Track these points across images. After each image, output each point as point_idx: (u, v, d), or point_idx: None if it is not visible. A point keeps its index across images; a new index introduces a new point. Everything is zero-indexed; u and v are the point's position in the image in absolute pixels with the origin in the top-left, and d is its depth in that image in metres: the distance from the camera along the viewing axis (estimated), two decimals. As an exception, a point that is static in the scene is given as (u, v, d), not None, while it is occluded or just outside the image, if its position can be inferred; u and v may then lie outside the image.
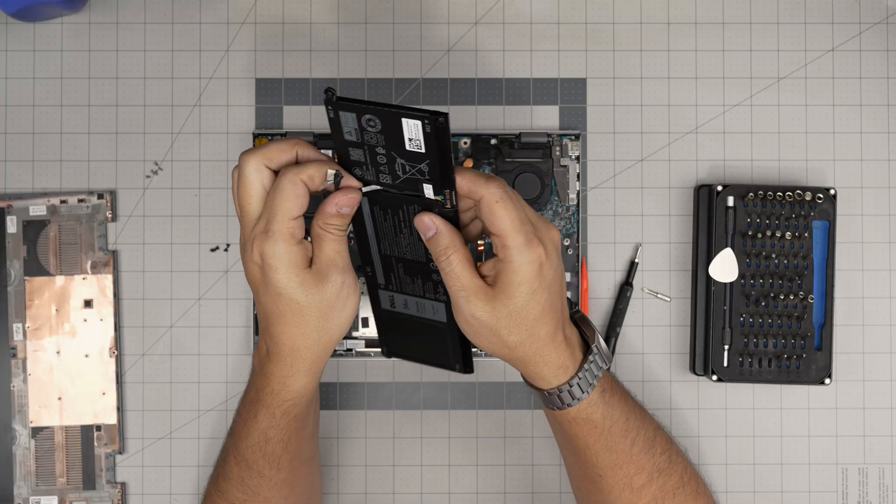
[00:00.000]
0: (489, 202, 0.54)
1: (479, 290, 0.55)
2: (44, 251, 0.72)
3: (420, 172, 0.54)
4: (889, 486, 0.73)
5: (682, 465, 0.63)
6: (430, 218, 0.55)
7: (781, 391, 0.73)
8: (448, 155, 0.53)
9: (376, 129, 0.53)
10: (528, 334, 0.56)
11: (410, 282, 0.60)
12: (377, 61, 0.73)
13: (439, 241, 0.55)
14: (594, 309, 0.73)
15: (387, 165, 0.54)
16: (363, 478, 0.73)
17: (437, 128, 0.51)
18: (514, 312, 0.55)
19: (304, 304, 0.56)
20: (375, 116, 0.52)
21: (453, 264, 0.55)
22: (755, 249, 0.70)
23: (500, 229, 0.54)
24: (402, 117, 0.52)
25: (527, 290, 0.55)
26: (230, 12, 0.73)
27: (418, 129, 0.52)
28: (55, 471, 0.72)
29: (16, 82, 0.73)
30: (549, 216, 0.72)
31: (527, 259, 0.54)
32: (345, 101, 0.53)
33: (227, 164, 0.73)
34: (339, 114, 0.53)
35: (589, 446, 0.60)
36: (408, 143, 0.53)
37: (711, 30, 0.74)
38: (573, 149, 0.72)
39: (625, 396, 0.61)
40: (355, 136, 0.54)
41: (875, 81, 0.74)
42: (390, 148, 0.53)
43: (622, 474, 0.60)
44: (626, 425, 0.60)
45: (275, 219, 0.54)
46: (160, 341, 0.73)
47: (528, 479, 0.73)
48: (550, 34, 0.74)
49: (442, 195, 0.55)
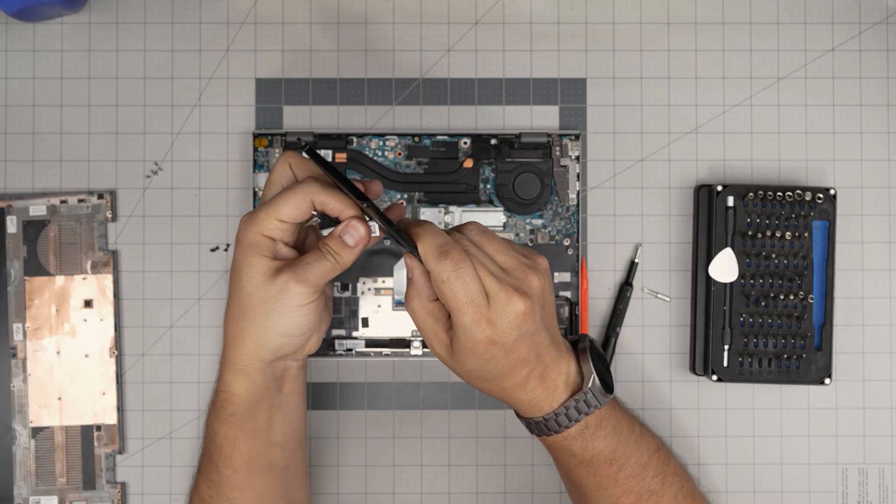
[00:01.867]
0: (436, 280, 0.54)
1: (443, 345, 0.57)
2: (44, 251, 0.72)
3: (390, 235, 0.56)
4: (889, 486, 0.73)
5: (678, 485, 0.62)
6: (411, 261, 0.56)
7: (781, 391, 0.73)
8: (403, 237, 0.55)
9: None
10: (495, 386, 0.57)
11: None
12: (377, 61, 0.73)
13: (411, 286, 0.56)
14: (594, 309, 0.73)
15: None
16: (363, 478, 0.73)
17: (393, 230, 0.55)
18: (473, 373, 0.57)
19: (248, 292, 0.57)
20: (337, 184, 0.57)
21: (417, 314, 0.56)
22: (755, 249, 0.70)
23: (448, 305, 0.55)
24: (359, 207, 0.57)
25: (477, 360, 0.55)
26: (230, 12, 0.73)
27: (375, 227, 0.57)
28: (55, 471, 0.72)
29: (16, 82, 0.73)
30: (549, 216, 0.72)
31: (471, 338, 0.54)
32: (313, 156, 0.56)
33: (227, 164, 0.73)
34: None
35: (571, 470, 0.60)
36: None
37: (711, 30, 0.74)
38: (573, 149, 0.72)
39: (618, 428, 0.60)
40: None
41: (875, 81, 0.74)
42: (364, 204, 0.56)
43: (608, 494, 0.60)
44: (612, 455, 0.59)
45: (263, 209, 0.56)
46: (160, 341, 0.73)
47: (528, 479, 0.73)
48: (550, 34, 0.74)
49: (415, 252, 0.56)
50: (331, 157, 0.72)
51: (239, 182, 0.73)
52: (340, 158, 0.71)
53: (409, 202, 0.72)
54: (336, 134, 0.72)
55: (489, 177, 0.72)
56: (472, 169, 0.72)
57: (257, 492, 0.61)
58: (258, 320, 0.57)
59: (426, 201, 0.72)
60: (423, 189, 0.71)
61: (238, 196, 0.73)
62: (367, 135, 0.72)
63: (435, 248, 0.54)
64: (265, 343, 0.58)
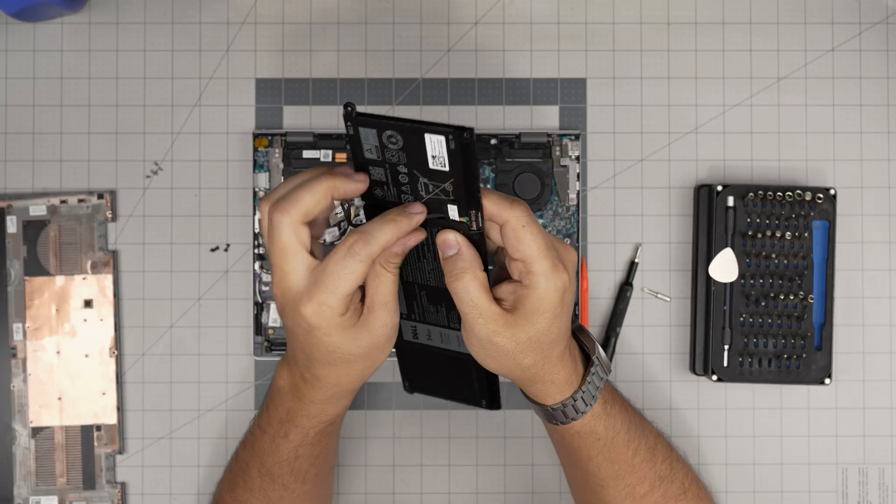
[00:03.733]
0: (515, 227, 0.52)
1: (499, 316, 0.53)
2: (44, 251, 0.72)
3: (444, 192, 0.51)
4: (889, 486, 0.73)
5: (684, 471, 0.63)
6: (454, 236, 0.53)
7: (781, 391, 0.73)
8: (474, 173, 0.50)
9: (398, 146, 0.50)
10: (543, 356, 0.55)
11: (434, 311, 0.58)
12: (377, 61, 0.73)
13: (457, 261, 0.53)
14: (594, 309, 0.73)
15: (409, 185, 0.52)
16: (363, 478, 0.73)
17: (462, 143, 0.49)
18: (534, 337, 0.54)
19: (355, 354, 0.55)
20: (397, 132, 0.50)
21: (469, 288, 0.53)
22: (755, 249, 0.70)
23: (525, 255, 0.52)
24: (424, 132, 0.49)
25: (550, 316, 0.53)
26: (230, 12, 0.73)
27: (442, 146, 0.49)
28: (55, 471, 0.72)
29: (16, 82, 0.73)
30: (549, 216, 0.72)
31: (553, 286, 0.52)
32: (365, 117, 0.50)
33: (227, 164, 0.73)
34: (359, 130, 0.50)
35: (591, 458, 0.60)
36: (431, 161, 0.50)
37: (711, 30, 0.74)
38: (573, 149, 0.72)
39: (625, 406, 0.61)
40: (376, 153, 0.51)
41: (875, 81, 0.74)
42: (412, 167, 0.51)
43: (624, 484, 0.60)
44: (629, 435, 0.60)
45: (335, 295, 0.51)
46: (160, 341, 0.73)
47: (528, 479, 0.73)
48: (550, 34, 0.74)
49: (467, 216, 0.52)
50: (331, 157, 0.72)
51: (239, 182, 0.73)
52: (340, 158, 0.71)
53: (409, 202, 0.72)
54: (336, 134, 0.72)
55: (489, 177, 0.72)
56: (472, 169, 0.72)
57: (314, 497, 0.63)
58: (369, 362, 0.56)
59: (426, 201, 0.72)
60: (423, 189, 0.71)
61: (238, 196, 0.73)
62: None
63: (504, 197, 0.52)
64: (365, 377, 0.57)
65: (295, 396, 0.58)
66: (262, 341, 0.72)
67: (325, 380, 0.56)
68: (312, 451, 0.60)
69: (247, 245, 0.73)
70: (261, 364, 0.73)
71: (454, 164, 0.50)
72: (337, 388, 0.57)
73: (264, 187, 0.72)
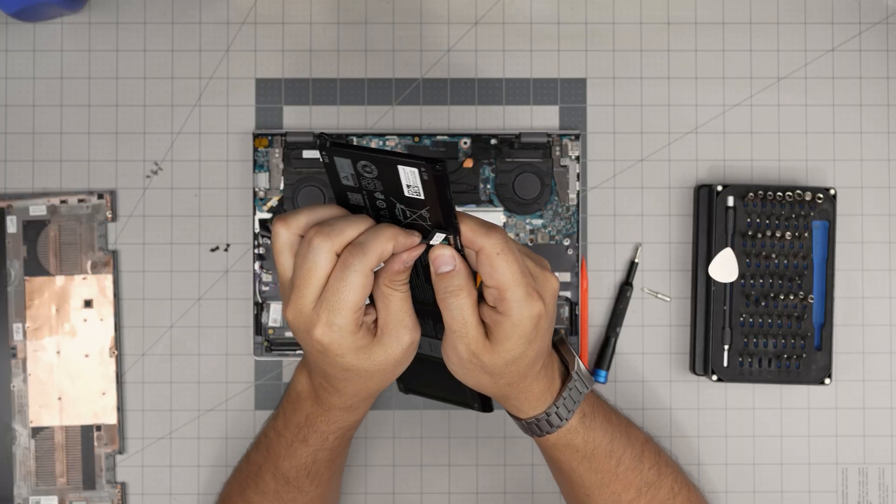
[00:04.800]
0: (489, 254, 0.51)
1: (480, 339, 0.53)
2: (44, 251, 0.72)
3: (421, 218, 0.52)
4: (889, 486, 0.73)
5: (673, 476, 0.63)
6: (451, 252, 0.52)
7: (781, 391, 0.73)
8: (448, 202, 0.51)
9: (372, 174, 0.51)
10: (520, 376, 0.55)
11: (422, 322, 0.58)
12: (377, 61, 0.73)
13: (454, 279, 0.52)
14: (594, 309, 0.73)
15: (387, 210, 0.53)
16: (363, 478, 0.73)
17: (436, 175, 0.49)
18: (510, 361, 0.54)
19: (372, 371, 0.54)
20: (370, 163, 0.50)
21: (464, 307, 0.52)
22: (755, 249, 0.70)
23: (499, 282, 0.52)
24: (397, 164, 0.50)
25: (524, 342, 0.53)
26: (230, 12, 0.73)
27: (416, 177, 0.50)
28: (55, 471, 0.72)
29: (16, 82, 0.73)
30: (549, 216, 0.72)
31: (527, 314, 0.52)
32: (339, 147, 0.51)
33: (227, 164, 0.73)
34: (334, 159, 0.51)
35: (573, 469, 0.60)
36: (406, 190, 0.51)
37: (711, 30, 0.74)
38: (573, 149, 0.72)
39: (608, 417, 0.61)
40: (352, 181, 0.52)
41: (875, 81, 0.74)
42: (389, 193, 0.52)
43: (609, 492, 0.60)
44: (611, 446, 0.60)
45: (341, 313, 0.51)
46: (160, 341, 0.73)
47: (528, 479, 0.73)
48: (550, 34, 0.74)
49: (446, 240, 0.53)
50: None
51: (239, 182, 0.73)
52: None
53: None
54: (336, 134, 0.72)
55: (489, 177, 0.72)
56: (472, 169, 0.72)
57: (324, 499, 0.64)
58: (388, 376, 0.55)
59: (426, 201, 0.72)
60: (423, 189, 0.71)
61: (238, 196, 0.73)
62: (367, 135, 0.72)
63: (480, 224, 0.52)
64: (385, 386, 0.57)
65: (315, 402, 0.58)
66: (262, 341, 0.72)
67: (343, 391, 0.56)
68: (330, 456, 0.61)
69: (247, 245, 0.73)
70: (261, 364, 0.73)
71: (428, 194, 0.50)
72: (356, 397, 0.57)
73: (264, 187, 0.72)
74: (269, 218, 0.72)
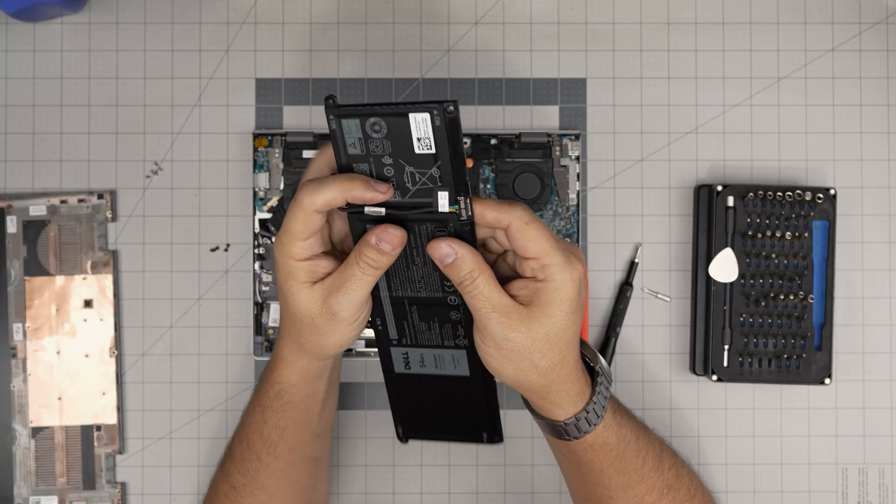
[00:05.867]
0: (518, 226, 0.51)
1: (513, 310, 0.52)
2: (44, 251, 0.72)
3: (431, 180, 0.51)
4: (889, 486, 0.73)
5: (689, 478, 0.62)
6: (447, 244, 0.52)
7: (781, 391, 0.73)
8: (461, 151, 0.50)
9: (381, 134, 0.50)
10: (560, 358, 0.54)
11: (426, 329, 0.58)
12: (377, 61, 0.73)
13: (462, 266, 0.52)
14: (594, 309, 0.73)
15: (395, 178, 0.52)
16: (363, 478, 0.73)
17: (448, 117, 0.49)
18: (552, 333, 0.53)
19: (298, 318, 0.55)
20: (381, 119, 0.50)
21: (480, 287, 0.52)
22: (755, 249, 0.70)
23: (537, 251, 0.51)
24: (409, 113, 0.49)
25: (567, 308, 0.52)
26: (230, 12, 0.73)
27: (427, 124, 0.49)
28: (55, 471, 0.72)
29: (16, 82, 0.73)
30: (549, 216, 0.72)
31: (569, 277, 0.52)
32: (347, 107, 0.50)
33: (227, 164, 0.73)
34: (342, 123, 0.50)
35: (603, 470, 0.59)
36: (416, 145, 0.50)
37: (711, 30, 0.74)
38: (573, 149, 0.72)
39: (630, 414, 0.60)
40: (359, 147, 0.51)
41: (875, 81, 0.74)
42: (398, 155, 0.51)
43: (633, 494, 0.59)
44: (638, 444, 0.59)
45: (283, 236, 0.54)
46: (160, 341, 0.73)
47: (528, 479, 0.73)
48: (550, 34, 0.74)
49: (456, 204, 0.51)
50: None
51: (239, 182, 0.73)
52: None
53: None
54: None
55: (489, 177, 0.72)
56: (472, 169, 0.72)
57: (291, 480, 0.62)
58: (314, 338, 0.56)
59: (426, 201, 0.72)
60: (423, 189, 0.71)
61: (238, 196, 0.73)
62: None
63: (500, 202, 0.52)
64: (324, 353, 0.58)
65: (273, 364, 0.60)
66: (262, 341, 0.72)
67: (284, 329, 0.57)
68: (276, 419, 0.60)
69: (247, 245, 0.73)
70: (261, 364, 0.73)
71: (440, 143, 0.50)
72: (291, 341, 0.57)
73: (264, 187, 0.72)
74: (268, 218, 0.72)
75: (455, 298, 0.56)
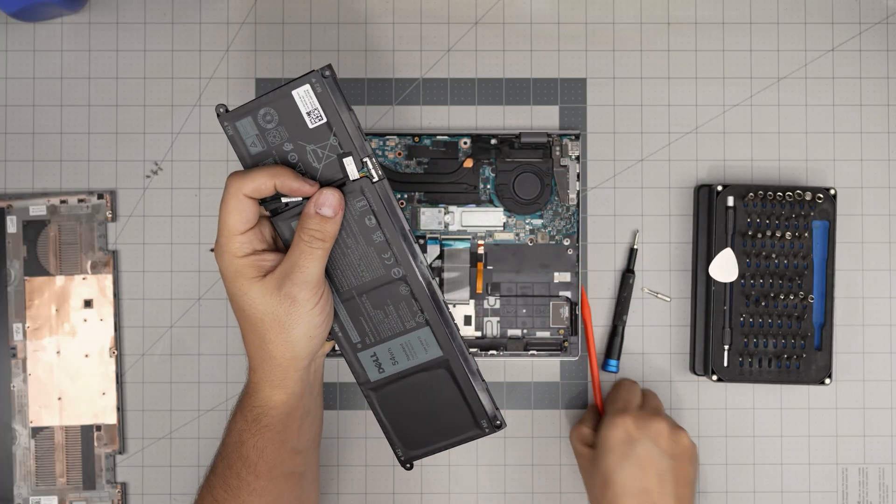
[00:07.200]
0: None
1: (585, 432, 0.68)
2: (44, 251, 0.72)
3: (333, 150, 0.53)
4: (889, 486, 0.73)
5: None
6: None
7: (781, 391, 0.73)
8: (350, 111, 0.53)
9: (274, 122, 0.53)
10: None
11: (383, 317, 0.58)
12: (377, 61, 0.73)
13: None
14: (596, 308, 0.73)
15: (300, 163, 0.54)
16: (363, 478, 0.73)
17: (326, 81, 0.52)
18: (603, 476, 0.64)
19: (257, 318, 0.56)
20: (269, 107, 0.53)
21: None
22: (755, 249, 0.70)
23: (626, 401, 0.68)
24: (292, 90, 0.52)
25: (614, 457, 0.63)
26: (230, 12, 0.73)
27: (311, 95, 0.52)
28: (55, 471, 0.72)
29: (16, 82, 0.73)
30: (549, 216, 0.72)
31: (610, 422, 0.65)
32: (237, 109, 0.53)
33: (227, 164, 0.73)
34: (237, 126, 0.54)
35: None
36: (308, 120, 0.53)
37: (711, 30, 0.74)
38: (573, 149, 0.72)
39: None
40: (259, 144, 0.54)
41: (875, 81, 0.74)
42: (296, 137, 0.53)
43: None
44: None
45: (221, 234, 0.55)
46: (160, 341, 0.73)
47: (528, 479, 0.73)
48: (550, 34, 0.74)
49: (364, 166, 0.53)
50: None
51: (239, 182, 0.73)
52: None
53: (408, 202, 0.72)
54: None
55: (489, 177, 0.72)
56: (472, 169, 0.72)
57: (274, 496, 0.61)
58: (280, 336, 0.56)
59: (426, 201, 0.72)
60: (423, 189, 0.72)
61: (238, 196, 0.73)
62: (367, 134, 0.72)
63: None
64: (297, 352, 0.57)
65: (251, 385, 0.60)
66: (262, 341, 0.72)
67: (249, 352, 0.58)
68: (255, 441, 0.60)
69: (247, 245, 0.73)
70: (261, 364, 0.73)
71: (329, 111, 0.52)
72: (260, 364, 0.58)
73: (264, 187, 0.72)
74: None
75: (399, 271, 0.56)
